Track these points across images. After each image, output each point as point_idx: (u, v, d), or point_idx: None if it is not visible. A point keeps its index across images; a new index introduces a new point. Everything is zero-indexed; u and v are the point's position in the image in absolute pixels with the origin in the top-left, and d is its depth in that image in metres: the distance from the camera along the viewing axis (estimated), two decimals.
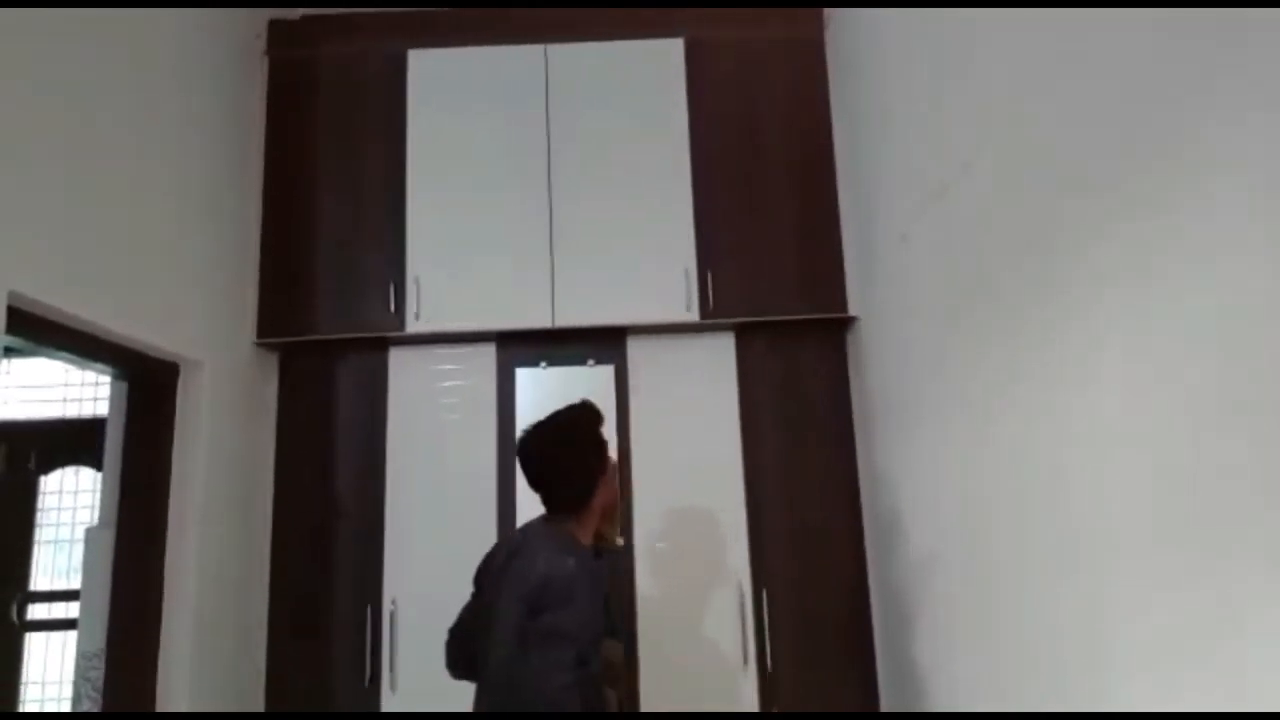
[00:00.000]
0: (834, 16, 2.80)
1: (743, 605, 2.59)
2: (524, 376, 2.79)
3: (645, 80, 2.82)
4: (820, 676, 2.58)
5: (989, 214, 1.78)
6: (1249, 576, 1.07)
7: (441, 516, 2.66)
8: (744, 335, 2.76)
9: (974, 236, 1.86)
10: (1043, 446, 1.59)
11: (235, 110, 2.68)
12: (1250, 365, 1.06)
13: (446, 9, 2.89)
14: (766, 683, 2.56)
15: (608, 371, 2.78)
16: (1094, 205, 1.39)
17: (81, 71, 1.94)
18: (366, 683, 2.55)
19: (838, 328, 2.76)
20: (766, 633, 2.58)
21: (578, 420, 1.90)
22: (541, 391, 2.75)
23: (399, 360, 2.77)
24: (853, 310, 2.67)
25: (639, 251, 2.71)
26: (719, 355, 2.75)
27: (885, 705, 2.54)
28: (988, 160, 1.78)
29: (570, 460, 1.85)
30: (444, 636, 1.97)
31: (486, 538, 2.65)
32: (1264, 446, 1.03)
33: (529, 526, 1.92)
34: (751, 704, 2.55)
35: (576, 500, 1.84)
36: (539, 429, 1.89)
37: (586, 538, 1.86)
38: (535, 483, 1.87)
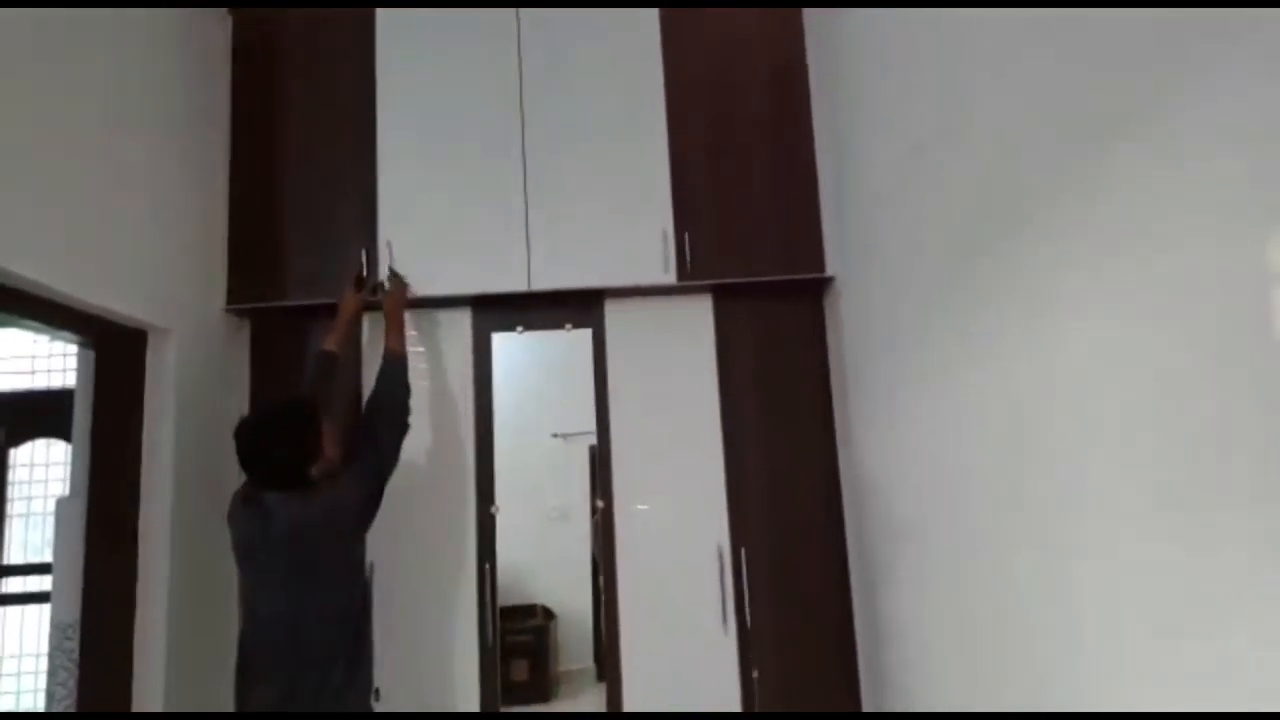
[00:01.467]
0: None
1: (721, 565, 2.61)
2: (500, 341, 2.77)
3: (620, 42, 2.77)
4: (799, 635, 2.60)
5: (966, 174, 1.77)
6: (1227, 539, 1.07)
7: (418, 480, 2.65)
8: (722, 297, 2.75)
9: (951, 196, 1.85)
10: (1021, 412, 1.59)
11: (201, 72, 2.61)
12: (1240, 331, 1.05)
13: None
14: (746, 641, 2.58)
15: (585, 335, 2.76)
16: (1080, 165, 1.37)
17: (45, 35, 1.87)
18: None
19: (815, 289, 2.75)
20: (746, 592, 2.60)
21: (286, 422, 2.11)
22: (520, 356, 2.73)
23: (372, 327, 2.73)
24: (830, 270, 2.66)
25: (616, 214, 2.68)
26: (697, 317, 2.74)
27: (863, 664, 2.57)
28: (967, 118, 1.76)
29: (273, 464, 2.06)
30: (423, 598, 2.07)
31: (464, 504, 2.66)
32: (1246, 413, 1.03)
33: (263, 498, 2.07)
34: (731, 663, 2.57)
35: (291, 483, 2.07)
36: (250, 432, 2.09)
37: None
38: (253, 473, 2.10)
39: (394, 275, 2.61)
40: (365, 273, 2.63)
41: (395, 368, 2.42)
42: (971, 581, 1.83)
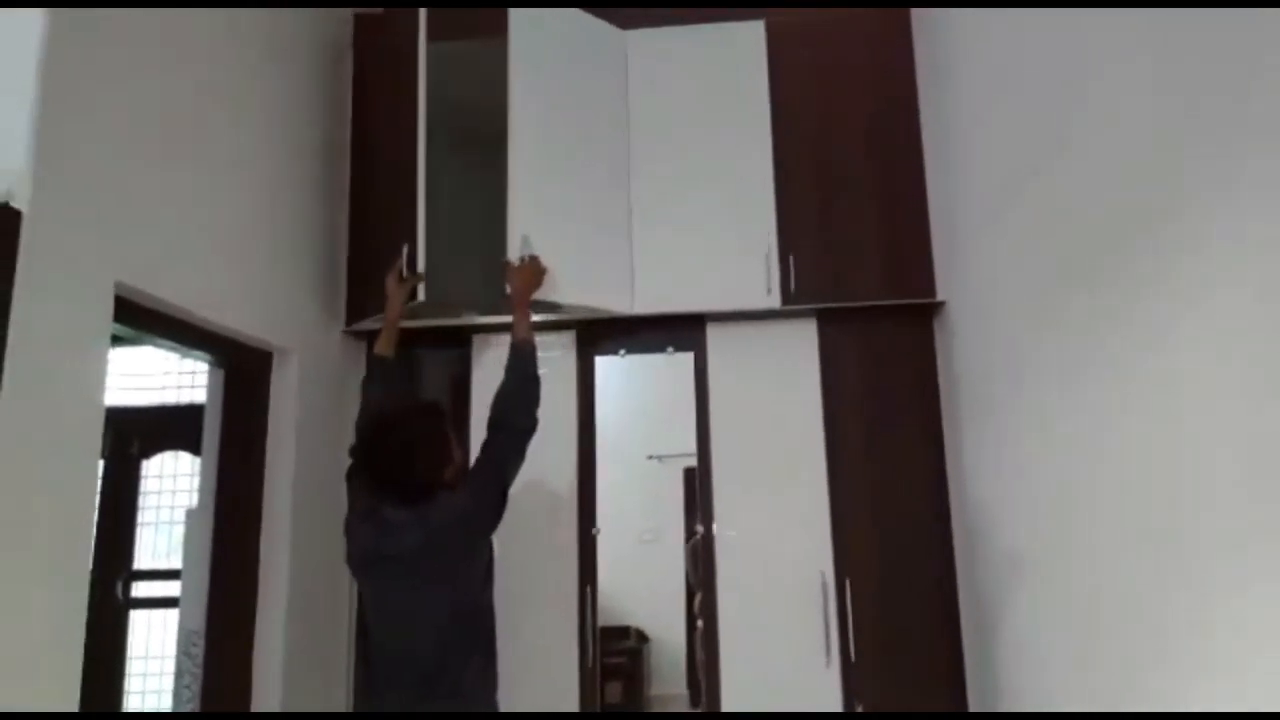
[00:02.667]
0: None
1: (825, 595, 2.55)
2: (603, 364, 2.79)
3: (725, 63, 2.78)
4: (905, 669, 2.52)
5: (1085, 196, 1.70)
6: None
7: (521, 502, 2.67)
8: (826, 321, 2.71)
9: (1067, 219, 1.78)
10: (1145, 439, 1.51)
11: (324, 101, 2.74)
12: None
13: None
14: (849, 673, 2.51)
15: (687, 358, 2.76)
16: (1205, 190, 1.30)
17: (179, 68, 2.00)
18: None
19: (925, 313, 2.68)
20: (850, 624, 2.53)
21: (421, 420, 2.07)
22: (622, 379, 2.74)
23: (482, 348, 2.80)
24: (941, 295, 2.59)
25: (719, 237, 2.68)
26: (801, 341, 2.70)
27: (973, 699, 2.47)
28: (1082, 138, 1.69)
29: (404, 468, 1.99)
30: (524, 617, 2.03)
31: (567, 521, 2.68)
32: None
33: (382, 509, 2.03)
34: (834, 697, 2.51)
35: (421, 493, 2.01)
36: (383, 430, 2.03)
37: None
38: (382, 477, 2.03)
39: (524, 258, 2.44)
40: (405, 269, 2.49)
41: (524, 358, 2.24)
42: (1101, 619, 1.73)
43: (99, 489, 1.76)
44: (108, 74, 1.74)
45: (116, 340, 1.77)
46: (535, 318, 2.68)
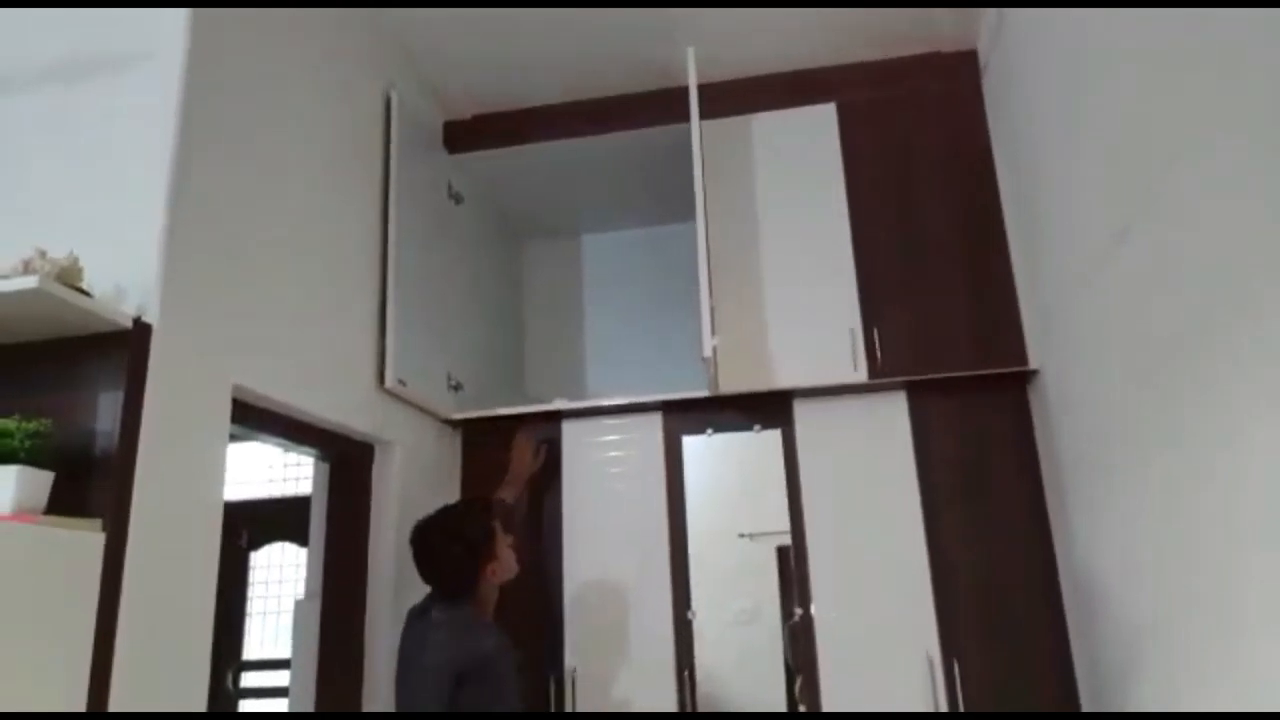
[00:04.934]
0: (991, 61, 2.73)
1: (933, 676, 2.45)
2: (691, 444, 2.81)
3: (798, 146, 2.85)
4: None
5: (1179, 258, 1.66)
6: None
7: (617, 585, 2.69)
8: (916, 393, 2.67)
9: (1161, 282, 1.73)
10: (1263, 509, 1.43)
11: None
12: None
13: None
14: None
15: (775, 436, 2.75)
16: None
17: (290, 183, 2.16)
18: None
19: (1018, 382, 2.62)
20: (960, 705, 2.42)
21: (458, 517, 2.21)
22: (710, 458, 2.74)
23: (571, 432, 2.86)
24: (1033, 363, 2.53)
25: (801, 313, 2.70)
26: (891, 415, 2.67)
27: None
28: (1176, 198, 1.66)
29: (444, 563, 2.13)
30: (621, 706, 2.03)
31: (662, 604, 2.67)
32: None
33: (430, 611, 2.13)
34: None
35: (460, 587, 2.12)
36: (422, 529, 2.17)
37: (487, 612, 2.18)
38: (425, 576, 2.16)
39: (540, 444, 2.79)
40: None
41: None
42: (1234, 692, 1.62)
43: None
44: (224, 186, 1.87)
45: (230, 438, 1.88)
46: (620, 400, 2.75)
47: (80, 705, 1.38)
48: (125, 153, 1.73)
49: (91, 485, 1.49)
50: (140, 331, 1.58)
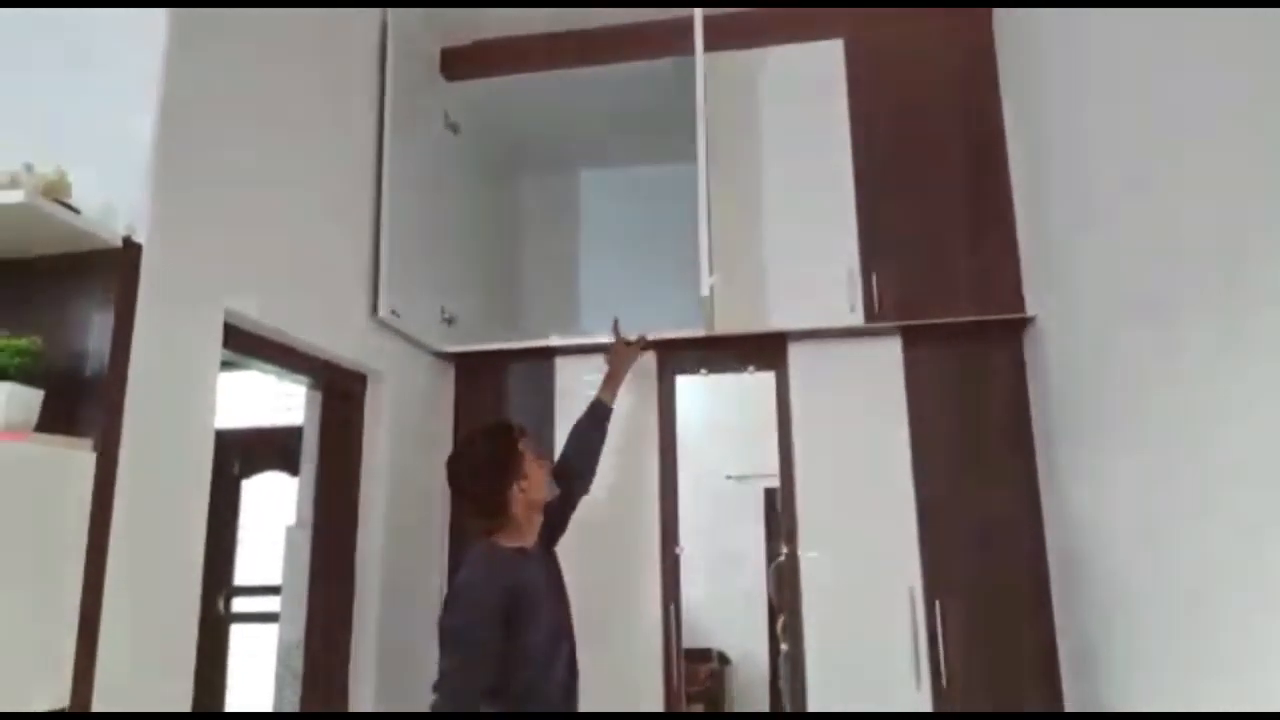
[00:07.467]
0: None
1: (914, 617, 2.49)
2: (684, 384, 2.81)
3: (803, 83, 2.79)
4: (1000, 692, 2.43)
5: (1196, 208, 1.63)
6: None
7: (605, 524, 2.70)
8: (911, 338, 2.66)
9: (1175, 231, 1.71)
10: (1268, 453, 1.44)
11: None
12: None
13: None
14: (940, 698, 2.45)
15: (768, 378, 2.75)
16: None
17: (285, 108, 2.11)
18: None
19: (1014, 329, 2.61)
20: (941, 646, 2.47)
21: (478, 438, 2.20)
22: (703, 398, 2.75)
23: (565, 369, 2.85)
24: (1030, 310, 2.53)
25: (799, 255, 2.68)
26: (885, 359, 2.66)
27: None
28: (1196, 150, 1.63)
29: (475, 486, 2.11)
30: (606, 639, 2.09)
31: (650, 545, 2.69)
32: None
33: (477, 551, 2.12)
34: None
35: (490, 509, 2.09)
36: (450, 459, 2.18)
37: (527, 537, 2.15)
38: (464, 506, 2.23)
39: (634, 342, 2.69)
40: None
41: (606, 421, 2.51)
42: (1210, 646, 1.65)
43: None
44: (215, 108, 1.83)
45: (222, 365, 1.86)
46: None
47: (71, 624, 1.38)
48: (115, 71, 1.67)
49: (82, 406, 1.47)
50: (130, 251, 1.55)
